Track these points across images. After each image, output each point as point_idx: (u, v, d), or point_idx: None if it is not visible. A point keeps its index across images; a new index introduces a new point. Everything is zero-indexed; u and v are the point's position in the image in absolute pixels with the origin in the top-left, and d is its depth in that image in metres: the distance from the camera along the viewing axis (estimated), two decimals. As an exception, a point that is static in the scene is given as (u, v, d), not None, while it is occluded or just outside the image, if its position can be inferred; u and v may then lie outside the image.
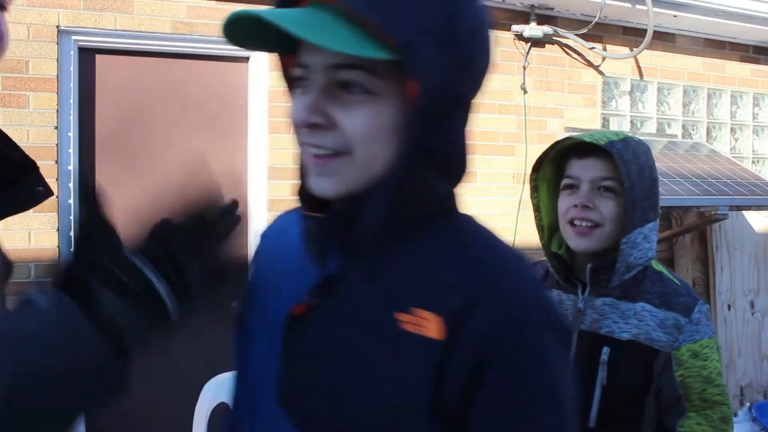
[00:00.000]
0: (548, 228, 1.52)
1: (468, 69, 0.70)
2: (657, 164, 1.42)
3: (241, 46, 0.73)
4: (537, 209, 1.53)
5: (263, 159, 3.34)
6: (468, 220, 0.77)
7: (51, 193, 1.00)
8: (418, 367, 0.67)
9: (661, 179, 3.52)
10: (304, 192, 0.77)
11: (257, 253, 0.94)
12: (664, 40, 4.32)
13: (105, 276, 0.64)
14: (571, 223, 1.38)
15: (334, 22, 0.65)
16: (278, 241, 0.90)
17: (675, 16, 4.08)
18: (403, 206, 0.70)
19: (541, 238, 1.53)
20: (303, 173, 0.76)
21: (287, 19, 0.64)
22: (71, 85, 3.02)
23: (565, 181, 1.42)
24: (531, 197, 1.54)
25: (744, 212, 4.35)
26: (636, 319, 1.34)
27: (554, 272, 1.46)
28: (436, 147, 0.70)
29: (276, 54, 0.81)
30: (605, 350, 1.33)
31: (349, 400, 0.70)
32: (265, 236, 0.95)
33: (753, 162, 4.81)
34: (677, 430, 1.32)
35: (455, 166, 0.74)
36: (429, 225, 0.73)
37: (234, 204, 0.80)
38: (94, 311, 0.61)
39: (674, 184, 3.51)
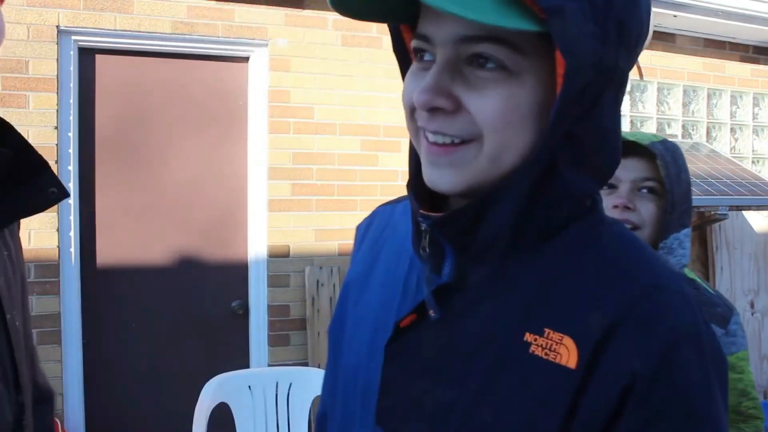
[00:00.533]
0: None
1: (623, 40, 0.58)
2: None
3: (350, 13, 0.64)
4: None
5: (263, 159, 3.34)
6: (613, 224, 0.66)
7: (66, 194, 0.95)
8: (547, 400, 0.57)
9: (661, 179, 3.53)
10: (416, 185, 0.67)
11: (356, 248, 0.85)
12: (664, 40, 4.32)
13: None
14: None
15: None
16: (378, 237, 0.81)
17: (675, 16, 4.08)
18: (539, 208, 0.60)
19: None
20: (415, 163, 0.67)
21: None
22: (71, 85, 3.02)
23: None
24: None
25: (744, 212, 4.35)
26: None
27: None
28: (582, 137, 0.59)
29: (388, 24, 0.68)
30: None
31: (458, 425, 0.61)
32: (362, 230, 0.86)
33: (753, 162, 4.81)
34: None
35: (603, 162, 0.62)
36: (563, 230, 0.62)
37: None
38: None
39: (674, 184, 3.51)
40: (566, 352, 0.57)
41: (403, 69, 0.67)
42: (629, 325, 0.56)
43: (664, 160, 1.27)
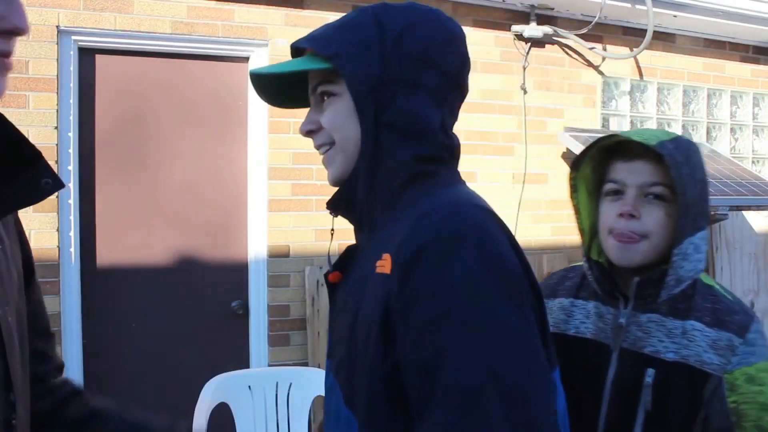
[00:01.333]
0: (588, 232, 1.35)
1: (404, 60, 0.89)
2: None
3: (277, 105, 1.06)
4: (577, 211, 1.36)
5: (263, 159, 3.34)
6: (445, 187, 0.90)
7: (61, 185, 0.94)
8: (378, 300, 0.82)
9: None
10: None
11: None
12: (664, 40, 4.32)
13: None
14: (614, 232, 1.24)
15: (303, 59, 0.94)
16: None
17: (675, 16, 4.08)
18: (380, 177, 0.89)
19: (583, 242, 1.36)
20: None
21: (271, 67, 0.94)
22: (71, 85, 3.02)
23: (608, 186, 1.27)
24: (570, 197, 1.37)
25: (744, 212, 4.35)
26: (685, 338, 1.19)
27: (593, 282, 1.30)
28: (390, 121, 0.89)
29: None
30: (650, 372, 1.18)
31: (350, 341, 0.88)
32: None
33: (753, 162, 4.81)
34: None
35: (415, 132, 0.90)
36: (404, 191, 0.90)
37: None
38: None
39: (674, 184, 3.51)
40: (387, 264, 0.83)
41: None
42: (408, 237, 0.81)
43: (674, 161, 1.17)
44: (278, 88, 1.01)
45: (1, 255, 0.92)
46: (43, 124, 2.93)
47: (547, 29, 3.88)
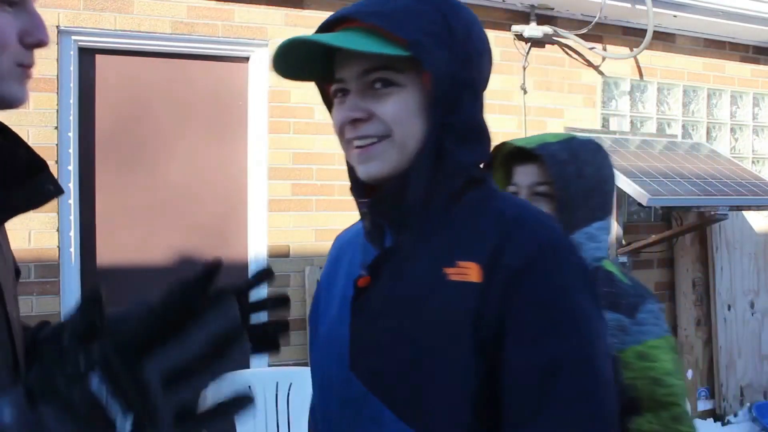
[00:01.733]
0: None
1: (468, 61, 0.85)
2: (657, 164, 1.40)
3: (288, 77, 0.93)
4: None
5: (263, 159, 3.34)
6: (498, 191, 0.91)
7: (61, 191, 0.98)
8: (464, 307, 0.79)
9: (661, 179, 3.54)
10: (356, 187, 0.94)
11: (329, 255, 1.09)
12: (664, 40, 4.32)
13: (54, 401, 0.53)
14: None
15: (361, 35, 0.83)
16: (339, 248, 1.06)
17: (675, 16, 4.08)
18: (440, 180, 0.85)
19: None
20: (352, 171, 0.93)
21: (326, 38, 0.82)
22: (71, 85, 3.02)
23: (509, 189, 1.42)
24: None
25: (744, 212, 4.35)
26: None
27: None
28: (454, 123, 0.85)
29: (317, 86, 1.01)
30: None
31: (407, 349, 0.82)
32: (336, 240, 1.11)
33: (753, 162, 4.81)
34: (629, 427, 1.28)
35: (474, 137, 0.88)
36: (462, 195, 0.87)
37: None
38: None
39: (674, 184, 3.51)
40: (473, 273, 0.80)
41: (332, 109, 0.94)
42: (508, 243, 0.80)
43: (554, 160, 1.31)
44: (297, 58, 0.91)
45: (1, 260, 0.94)
46: (43, 124, 2.92)
47: (547, 29, 3.88)
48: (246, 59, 3.37)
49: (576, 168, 1.32)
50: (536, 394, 0.76)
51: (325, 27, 0.88)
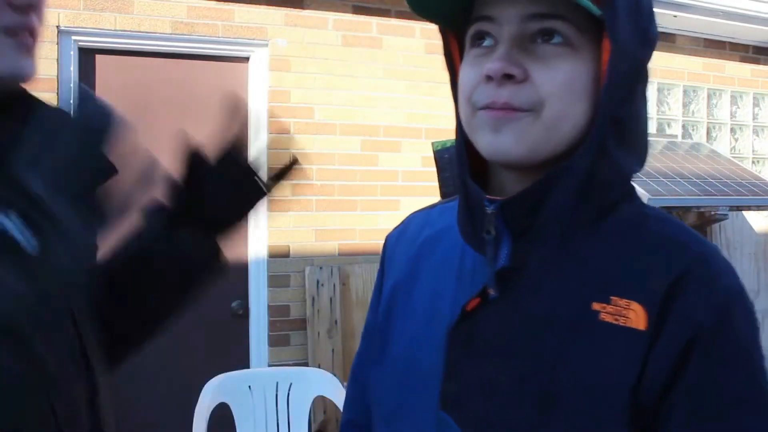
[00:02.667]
0: None
1: (646, 40, 0.67)
2: (657, 164, 1.41)
3: (416, 8, 0.69)
4: None
5: (263, 159, 3.33)
6: (649, 206, 0.72)
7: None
8: (621, 363, 0.61)
9: (661, 179, 3.54)
10: (471, 179, 0.71)
11: (388, 255, 0.87)
12: (664, 40, 4.32)
13: None
14: None
15: None
16: (416, 238, 0.83)
17: (675, 16, 4.08)
18: (595, 188, 0.65)
19: None
20: (466, 158, 0.71)
21: None
22: (71, 85, 3.01)
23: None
24: None
25: (744, 212, 4.35)
26: None
27: None
28: (624, 120, 0.66)
29: (438, 29, 0.74)
30: None
31: (534, 397, 0.63)
32: (394, 238, 0.88)
33: (753, 162, 4.81)
34: None
35: (640, 144, 0.70)
36: (614, 210, 0.68)
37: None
38: None
39: (674, 184, 3.51)
40: (635, 316, 0.61)
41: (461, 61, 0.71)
42: (690, 285, 0.61)
43: (442, 161, 1.37)
44: None
45: None
46: (43, 124, 2.92)
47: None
48: (246, 59, 3.37)
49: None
50: None
51: None
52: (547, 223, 0.65)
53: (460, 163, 0.71)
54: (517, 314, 0.67)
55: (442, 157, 1.60)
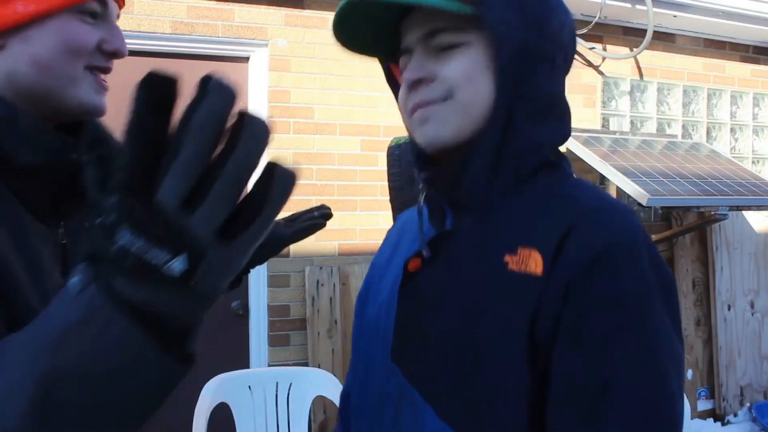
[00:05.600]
0: None
1: (542, 30, 0.76)
2: (657, 164, 1.41)
3: (349, 47, 0.86)
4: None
5: (263, 159, 3.33)
6: (574, 177, 0.81)
7: None
8: (522, 306, 0.70)
9: (661, 179, 3.53)
10: (419, 163, 0.84)
11: (387, 237, 1.00)
12: (664, 40, 4.32)
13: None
14: None
15: None
16: (400, 229, 0.97)
17: (675, 16, 4.08)
18: (507, 159, 0.75)
19: None
20: (416, 146, 0.83)
21: None
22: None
23: None
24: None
25: (744, 212, 4.35)
26: None
27: None
28: (526, 95, 0.76)
29: (382, 65, 0.92)
30: None
31: (456, 348, 0.73)
32: (390, 231, 1.01)
33: (753, 162, 4.81)
34: None
35: (551, 115, 0.79)
36: (533, 178, 0.77)
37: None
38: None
39: (674, 184, 3.51)
40: (534, 263, 0.71)
41: (396, 94, 0.87)
42: (574, 235, 0.70)
43: (392, 159, 1.46)
44: (359, 27, 0.83)
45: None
46: (43, 124, 2.92)
47: (547, 29, 3.88)
48: (246, 59, 3.37)
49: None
50: (585, 411, 0.67)
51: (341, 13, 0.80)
52: (469, 192, 0.76)
53: (415, 159, 0.84)
54: (447, 273, 0.77)
55: (393, 153, 1.64)
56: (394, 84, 0.91)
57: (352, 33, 0.83)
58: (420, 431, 0.76)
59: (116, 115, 1.10)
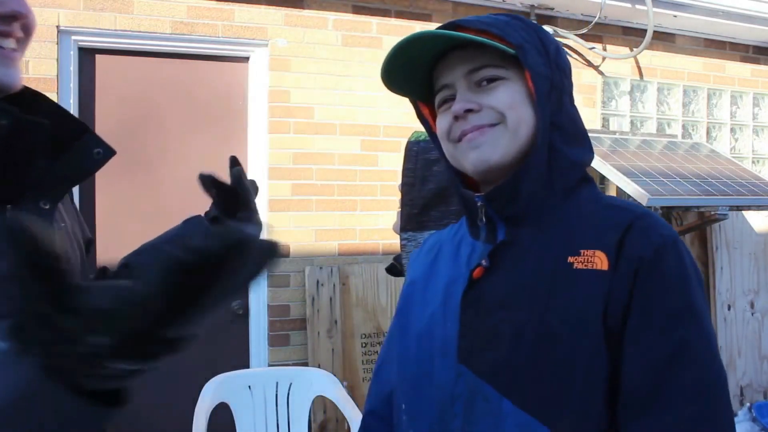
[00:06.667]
0: None
1: (557, 65, 0.91)
2: (657, 164, 1.42)
3: (392, 88, 0.99)
4: None
5: (263, 159, 3.34)
6: (602, 190, 0.93)
7: (112, 152, 0.92)
8: (593, 296, 0.81)
9: (661, 179, 3.54)
10: (463, 187, 0.95)
11: (411, 262, 1.09)
12: (664, 40, 4.32)
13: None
14: None
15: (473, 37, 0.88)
16: (432, 247, 1.05)
17: (675, 16, 4.08)
18: (554, 176, 0.88)
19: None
20: (455, 171, 0.95)
21: (450, 33, 0.87)
22: (71, 85, 3.02)
23: None
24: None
25: (744, 212, 4.35)
26: None
27: None
28: (561, 122, 0.89)
29: (413, 104, 1.04)
30: None
31: (531, 339, 0.82)
32: (416, 252, 1.11)
33: (753, 162, 4.81)
34: None
35: (579, 140, 0.92)
36: (575, 191, 0.90)
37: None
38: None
39: (674, 184, 3.51)
40: (599, 261, 0.82)
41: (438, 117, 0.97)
42: (634, 233, 0.82)
43: (410, 154, 1.47)
44: (401, 68, 0.96)
45: (64, 235, 0.92)
46: (43, 124, 2.92)
47: (547, 29, 3.88)
48: (246, 59, 3.37)
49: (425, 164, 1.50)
50: (659, 380, 0.77)
51: (405, 47, 0.91)
52: (526, 206, 0.88)
53: (453, 181, 0.96)
54: (512, 276, 0.87)
55: (411, 148, 1.63)
56: (423, 120, 1.03)
57: (394, 70, 0.95)
58: (500, 422, 0.82)
59: (117, 115, 1.10)
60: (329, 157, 3.43)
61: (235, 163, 1.08)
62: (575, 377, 0.80)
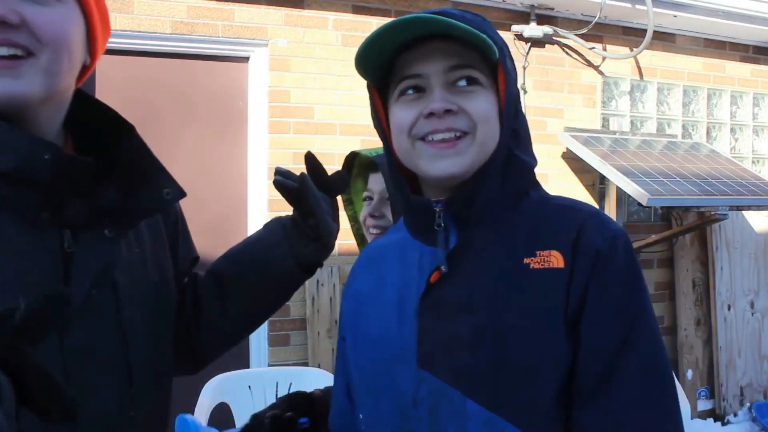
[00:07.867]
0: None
1: (515, 71, 0.92)
2: (657, 164, 1.42)
3: (363, 71, 0.90)
4: (354, 220, 1.77)
5: (263, 159, 3.34)
6: (549, 193, 0.97)
7: (183, 194, 0.98)
8: (552, 294, 0.82)
9: (661, 179, 3.53)
10: (414, 194, 0.93)
11: (359, 265, 1.05)
12: (664, 40, 4.32)
13: None
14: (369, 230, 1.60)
15: (473, 31, 0.84)
16: (375, 258, 1.01)
17: (675, 16, 4.08)
18: (510, 180, 0.89)
19: (359, 245, 1.69)
20: (403, 171, 0.92)
21: (445, 20, 0.82)
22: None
23: (364, 194, 1.64)
24: (346, 210, 1.74)
25: (744, 212, 4.35)
26: None
27: None
28: (519, 130, 0.90)
29: (368, 90, 0.95)
30: None
31: (491, 339, 0.82)
32: (368, 249, 1.08)
33: (753, 162, 4.81)
34: None
35: (529, 145, 0.94)
36: (526, 195, 0.91)
37: None
38: None
39: (674, 184, 3.51)
40: (555, 259, 0.84)
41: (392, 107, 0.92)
42: (588, 231, 0.85)
43: (384, 169, 1.43)
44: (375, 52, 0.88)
45: (137, 259, 0.94)
46: (43, 124, 2.92)
47: (547, 29, 3.88)
48: (246, 59, 3.37)
49: None
50: (611, 366, 0.80)
51: (397, 27, 0.84)
52: (483, 210, 0.88)
53: (400, 184, 0.92)
54: (469, 280, 0.86)
55: (381, 163, 1.69)
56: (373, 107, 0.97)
57: (371, 54, 0.88)
58: (464, 423, 0.83)
59: (120, 110, 1.10)
60: (329, 157, 3.42)
61: (310, 161, 1.11)
62: (539, 373, 0.81)
